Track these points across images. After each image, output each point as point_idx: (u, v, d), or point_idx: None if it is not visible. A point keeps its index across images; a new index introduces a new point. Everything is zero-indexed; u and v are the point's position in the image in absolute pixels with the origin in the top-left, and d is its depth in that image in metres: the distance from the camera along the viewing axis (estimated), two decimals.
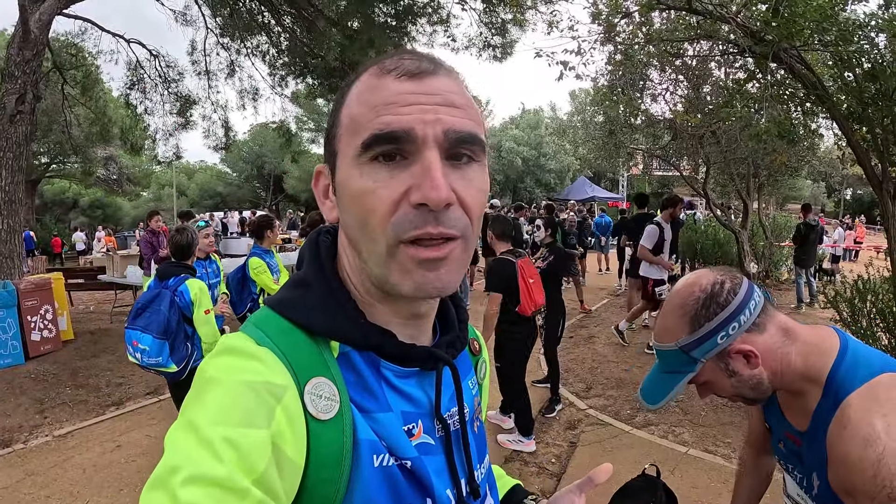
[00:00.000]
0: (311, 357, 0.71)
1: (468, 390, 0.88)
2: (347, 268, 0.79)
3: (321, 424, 0.68)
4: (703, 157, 10.93)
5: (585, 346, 8.49)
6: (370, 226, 0.69)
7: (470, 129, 0.70)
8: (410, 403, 0.77)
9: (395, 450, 0.73)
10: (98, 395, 6.46)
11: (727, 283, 1.39)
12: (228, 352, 0.70)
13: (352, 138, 0.71)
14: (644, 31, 6.85)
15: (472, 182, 0.71)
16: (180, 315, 4.20)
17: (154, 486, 0.58)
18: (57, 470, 4.74)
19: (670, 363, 1.45)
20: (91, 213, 41.66)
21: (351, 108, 0.73)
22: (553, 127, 39.24)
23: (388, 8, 11.98)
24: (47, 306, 8.25)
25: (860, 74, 4.80)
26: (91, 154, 24.35)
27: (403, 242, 0.68)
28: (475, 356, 1.01)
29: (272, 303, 0.78)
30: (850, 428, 1.21)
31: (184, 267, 4.42)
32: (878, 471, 1.15)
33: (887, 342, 5.64)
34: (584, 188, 31.16)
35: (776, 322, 1.42)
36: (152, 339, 4.09)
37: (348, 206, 0.72)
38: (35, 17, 8.44)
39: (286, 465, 0.63)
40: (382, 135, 0.67)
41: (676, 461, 4.76)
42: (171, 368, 4.15)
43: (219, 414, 0.62)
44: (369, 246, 0.71)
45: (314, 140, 45.39)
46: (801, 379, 1.37)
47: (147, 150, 18.58)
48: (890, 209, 5.14)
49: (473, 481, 0.83)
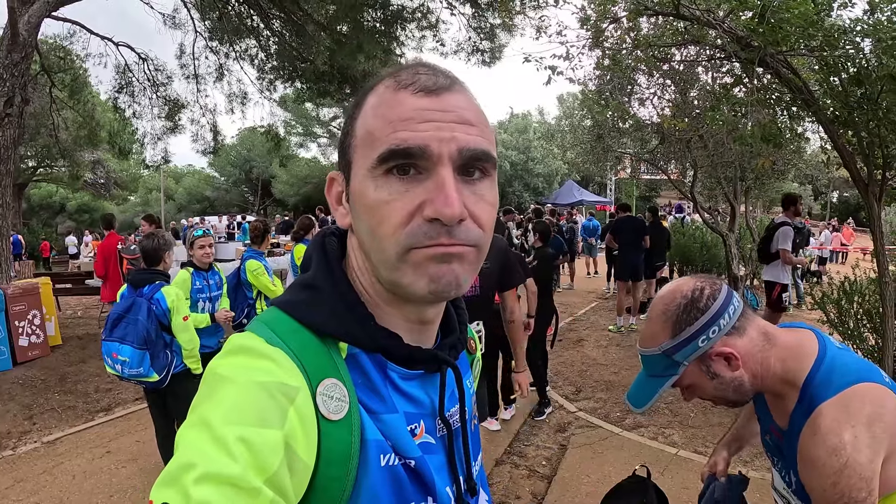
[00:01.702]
0: (321, 358, 0.72)
1: (468, 390, 0.90)
2: (357, 271, 0.81)
3: (332, 424, 0.69)
4: (691, 161, 10.97)
5: (574, 349, 8.52)
6: (383, 234, 0.71)
7: (483, 146, 0.72)
8: (413, 404, 0.79)
9: (400, 449, 0.74)
10: (87, 401, 6.43)
11: (707, 289, 1.45)
12: (241, 351, 0.71)
13: (367, 150, 0.73)
14: (632, 37, 6.89)
15: (483, 197, 0.73)
16: (158, 323, 4.11)
17: (166, 483, 0.58)
18: (46, 476, 4.71)
19: (654, 367, 1.51)
20: (78, 218, 41.34)
21: (367, 121, 0.74)
22: (541, 131, 39.28)
23: (378, 13, 12.00)
24: (35, 311, 8.19)
25: (845, 79, 4.85)
26: (79, 158, 24.16)
27: (415, 248, 0.70)
28: (471, 354, 1.04)
29: (281, 303, 0.79)
30: (820, 435, 1.28)
31: (157, 273, 4.30)
32: (839, 480, 1.23)
33: (874, 342, 5.70)
34: (572, 192, 31.21)
35: (756, 326, 1.48)
36: (132, 349, 3.99)
37: (362, 215, 0.74)
38: (24, 20, 8.39)
39: (297, 465, 0.64)
40: (399, 150, 0.69)
41: (667, 462, 4.79)
42: (152, 378, 4.07)
43: (232, 413, 0.62)
44: (380, 254, 0.73)
45: (302, 144, 45.42)
46: (780, 382, 1.43)
47: (135, 153, 18.53)
48: (876, 211, 5.19)
49: (471, 479, 0.85)
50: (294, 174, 42.15)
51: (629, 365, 7.49)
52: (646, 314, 8.74)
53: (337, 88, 13.31)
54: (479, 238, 0.73)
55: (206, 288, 4.88)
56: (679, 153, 11.14)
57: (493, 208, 0.75)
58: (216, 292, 4.99)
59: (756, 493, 4.15)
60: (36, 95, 13.02)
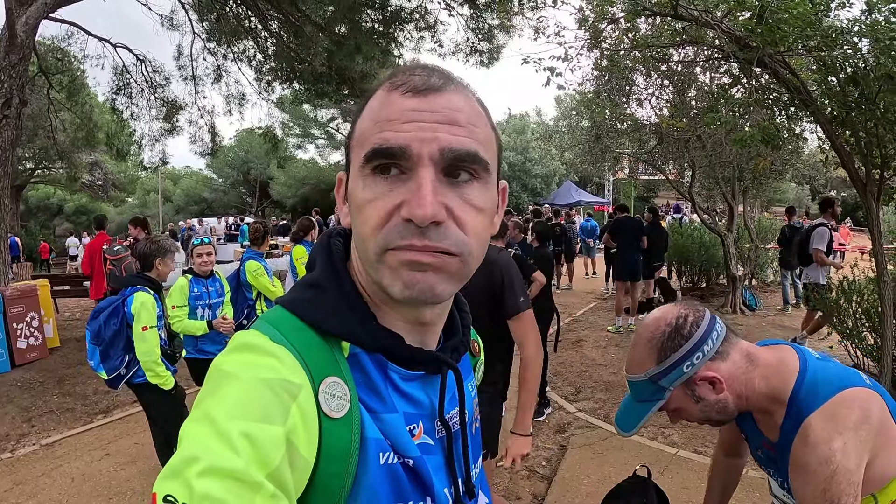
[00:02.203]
0: (323, 356, 0.73)
1: (468, 393, 0.90)
2: (359, 271, 0.81)
3: (333, 422, 0.69)
4: (689, 161, 10.99)
5: (573, 349, 8.52)
6: (365, 233, 0.72)
7: (468, 146, 0.71)
8: (412, 405, 0.79)
9: (399, 448, 0.75)
10: (85, 403, 6.42)
11: (690, 316, 1.51)
12: (245, 348, 0.71)
13: (359, 150, 0.74)
14: (630, 37, 6.90)
15: (469, 199, 0.72)
16: (123, 325, 4.04)
17: (169, 476, 0.59)
18: (45, 479, 4.70)
19: (642, 393, 1.57)
20: (76, 219, 41.29)
21: (363, 122, 0.75)
22: (539, 132, 39.19)
23: (376, 14, 12.00)
24: (33, 313, 8.18)
25: (843, 79, 4.86)
26: (76, 159, 24.21)
27: (391, 249, 0.70)
28: (475, 357, 1.04)
29: (285, 302, 0.79)
30: (810, 446, 1.35)
31: (142, 278, 4.23)
32: (829, 486, 1.30)
33: (873, 342, 5.72)
34: (570, 193, 31.20)
35: (739, 349, 1.53)
36: (89, 342, 4.07)
37: (353, 214, 0.75)
38: (22, 21, 8.40)
39: (298, 461, 0.65)
40: (381, 150, 0.70)
41: (667, 462, 4.79)
42: (101, 375, 4.09)
43: (236, 408, 0.63)
44: (364, 253, 0.74)
45: (300, 146, 45.39)
46: (767, 400, 1.49)
47: (133, 155, 18.54)
48: (874, 211, 5.20)
49: (469, 481, 0.85)
50: (292, 175, 42.10)
51: None
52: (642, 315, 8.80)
53: (335, 89, 13.31)
54: (460, 243, 0.71)
55: (206, 295, 4.84)
56: (677, 153, 11.17)
57: (483, 213, 0.74)
58: (216, 299, 4.95)
59: (756, 493, 4.16)
60: (34, 97, 13.04)
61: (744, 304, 10.76)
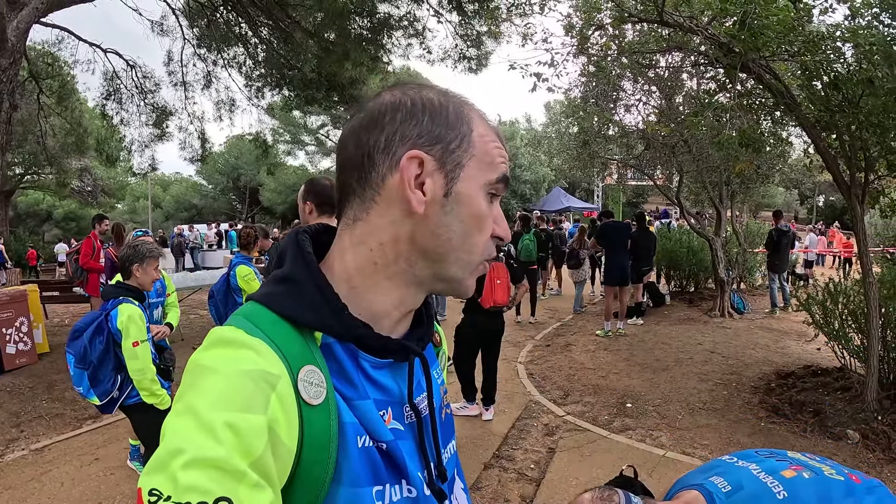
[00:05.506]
0: (299, 347, 0.76)
1: (435, 380, 0.94)
2: (350, 261, 0.84)
3: (312, 410, 0.72)
4: (676, 167, 11.08)
5: (562, 353, 8.56)
6: (478, 241, 0.83)
7: None
8: (381, 392, 0.82)
9: (374, 433, 0.78)
10: (75, 409, 6.40)
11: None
12: (222, 343, 0.73)
13: (486, 169, 0.83)
14: (617, 43, 6.97)
15: None
16: (110, 342, 3.70)
17: (155, 470, 0.61)
18: (34, 484, 4.69)
19: None
20: (65, 226, 41.04)
21: (484, 140, 0.84)
22: (528, 138, 39.32)
23: (365, 21, 12.02)
24: (22, 318, 8.15)
25: (826, 83, 4.93)
26: (66, 165, 24.05)
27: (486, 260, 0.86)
28: (437, 347, 1.09)
29: (258, 297, 0.82)
30: None
31: (123, 288, 3.86)
32: None
33: (859, 342, 5.77)
34: (559, 198, 31.33)
35: None
36: (73, 366, 3.70)
37: (465, 219, 0.82)
38: (13, 25, 8.37)
39: (280, 449, 0.67)
40: (507, 179, 0.85)
41: (654, 464, 4.83)
42: (93, 401, 3.77)
43: (218, 400, 0.65)
44: (468, 255, 0.83)
45: (290, 152, 45.21)
46: None
47: (122, 161, 18.43)
48: (859, 213, 5.28)
49: (441, 465, 0.88)
50: (282, 182, 42.01)
51: (617, 369, 7.53)
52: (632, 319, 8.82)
53: (325, 96, 13.30)
54: None
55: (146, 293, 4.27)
56: (665, 159, 11.26)
57: None
58: (157, 299, 4.83)
59: None
60: (24, 102, 12.98)
61: (732, 307, 10.84)
